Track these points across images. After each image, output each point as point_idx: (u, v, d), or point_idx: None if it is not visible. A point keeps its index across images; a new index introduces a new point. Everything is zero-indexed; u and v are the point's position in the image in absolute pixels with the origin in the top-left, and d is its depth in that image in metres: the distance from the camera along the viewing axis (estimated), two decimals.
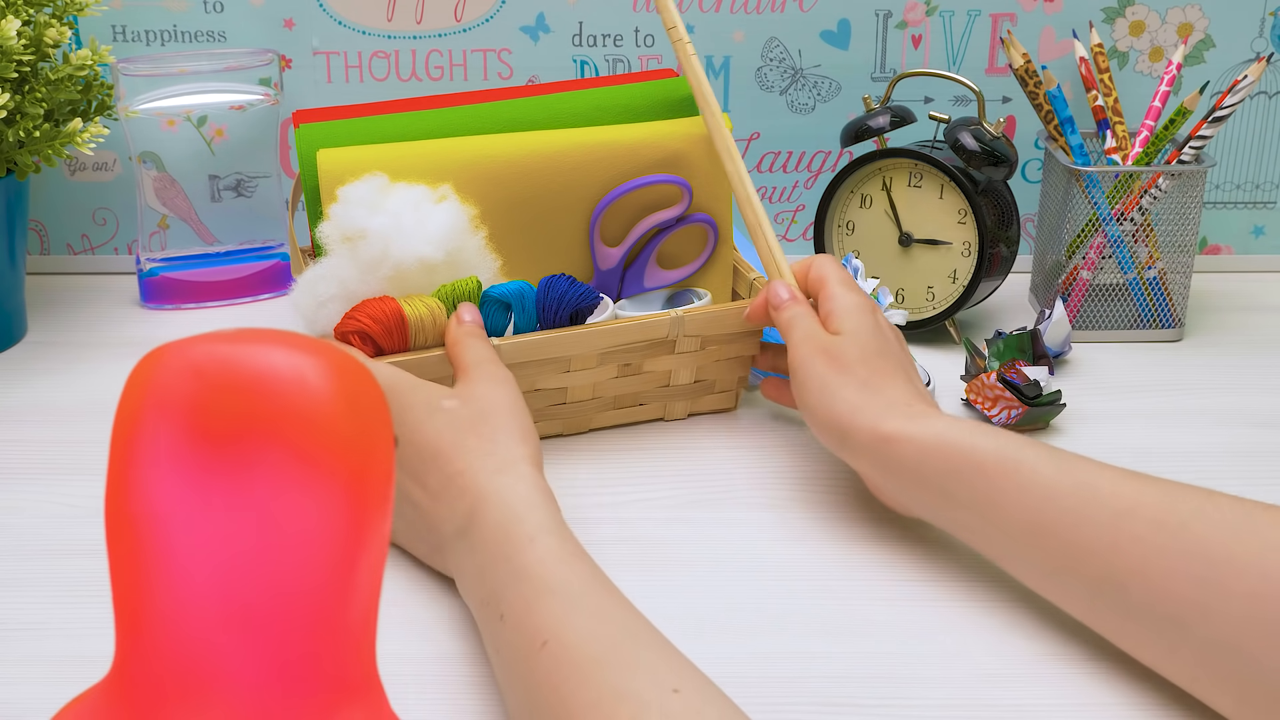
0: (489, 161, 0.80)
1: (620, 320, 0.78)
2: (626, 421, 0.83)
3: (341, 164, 0.78)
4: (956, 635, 0.64)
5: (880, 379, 0.70)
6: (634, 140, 0.83)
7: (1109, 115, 0.98)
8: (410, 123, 0.83)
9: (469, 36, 1.04)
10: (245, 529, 0.39)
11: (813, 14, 1.04)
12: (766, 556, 0.70)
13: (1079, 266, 0.96)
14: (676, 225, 0.84)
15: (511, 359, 0.75)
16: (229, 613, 0.39)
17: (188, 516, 0.39)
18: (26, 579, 0.68)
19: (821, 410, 0.70)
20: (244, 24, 1.03)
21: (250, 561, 0.39)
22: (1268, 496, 0.76)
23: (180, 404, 0.40)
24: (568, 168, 0.81)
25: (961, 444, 0.64)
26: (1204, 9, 1.03)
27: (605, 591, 0.55)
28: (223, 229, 1.03)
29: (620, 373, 0.80)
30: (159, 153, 1.00)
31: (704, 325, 0.80)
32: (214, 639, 0.40)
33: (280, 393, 0.39)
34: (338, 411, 0.40)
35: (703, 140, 0.83)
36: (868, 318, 0.73)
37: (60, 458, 0.80)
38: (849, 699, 0.59)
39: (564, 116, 0.84)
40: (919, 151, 0.94)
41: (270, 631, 0.40)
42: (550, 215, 0.82)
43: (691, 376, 0.82)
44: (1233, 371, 0.92)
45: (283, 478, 0.39)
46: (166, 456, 0.40)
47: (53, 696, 0.59)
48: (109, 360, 0.93)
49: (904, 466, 0.66)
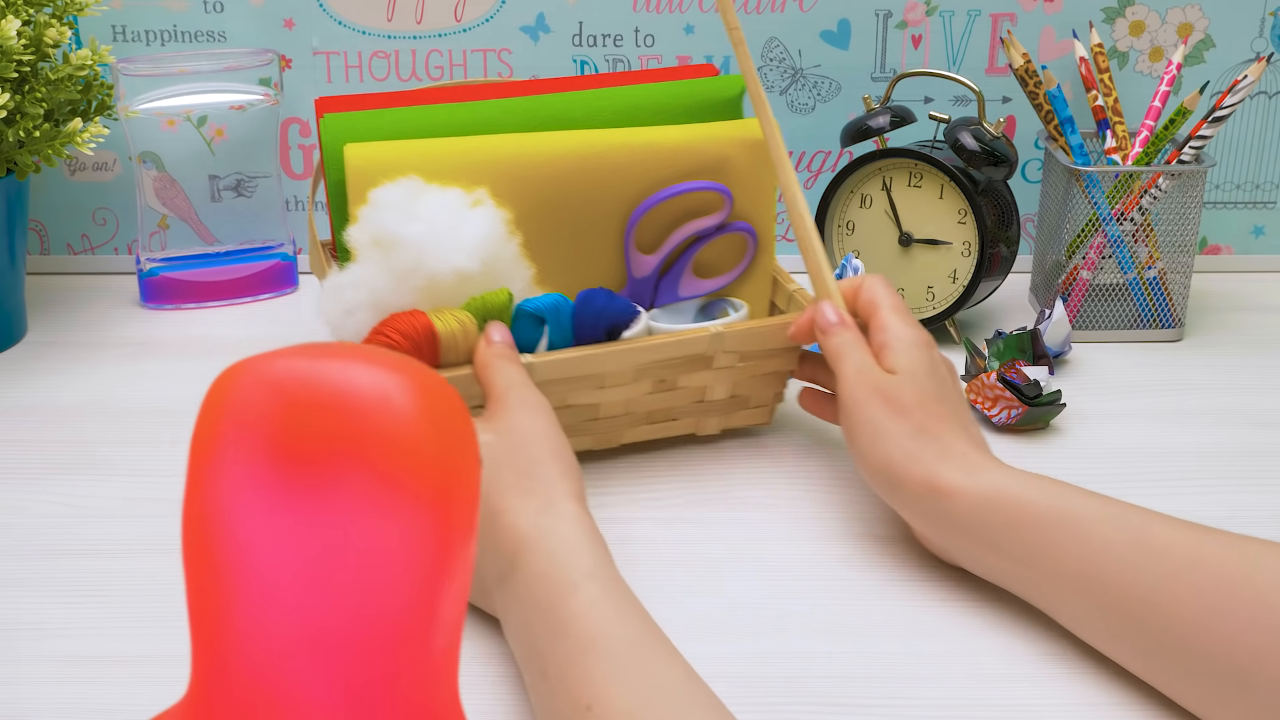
0: (523, 161, 0.77)
1: (658, 337, 0.74)
2: (658, 437, 0.79)
3: (370, 160, 0.74)
4: (956, 635, 0.64)
5: (936, 425, 0.67)
6: (675, 143, 0.79)
7: (1109, 115, 0.98)
8: (441, 116, 0.79)
9: (469, 36, 1.04)
10: (326, 550, 0.38)
11: (813, 14, 1.04)
12: (767, 556, 0.70)
13: (1079, 266, 0.96)
14: (716, 233, 0.80)
15: (544, 377, 0.71)
16: (309, 635, 0.38)
17: (268, 537, 0.38)
18: (26, 579, 0.68)
19: (874, 457, 0.67)
20: (244, 24, 1.03)
21: (331, 583, 0.38)
22: (1268, 496, 0.76)
23: (260, 422, 0.38)
24: (605, 170, 0.78)
25: (1016, 497, 0.63)
26: (1204, 9, 1.03)
27: (653, 648, 0.53)
28: (223, 229, 1.03)
29: (655, 388, 0.76)
30: (159, 153, 1.00)
31: (743, 341, 0.76)
32: (294, 661, 0.39)
33: (364, 412, 0.38)
34: (423, 432, 0.38)
35: (745, 145, 0.80)
36: (924, 354, 0.69)
37: (60, 458, 0.80)
38: (849, 699, 0.59)
39: (602, 115, 0.81)
40: (919, 151, 0.94)
41: (351, 655, 0.39)
42: (584, 219, 0.79)
43: (727, 392, 0.79)
44: (1233, 371, 0.92)
45: (365, 499, 0.38)
46: (246, 476, 0.39)
47: (53, 696, 0.59)
48: (109, 360, 0.93)
49: (956, 520, 0.64)
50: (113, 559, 0.70)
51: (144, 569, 0.69)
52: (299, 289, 1.06)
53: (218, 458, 0.39)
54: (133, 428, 0.84)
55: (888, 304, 0.72)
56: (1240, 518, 0.74)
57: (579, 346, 0.73)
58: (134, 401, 0.87)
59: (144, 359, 0.94)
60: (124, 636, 0.64)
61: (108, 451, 0.81)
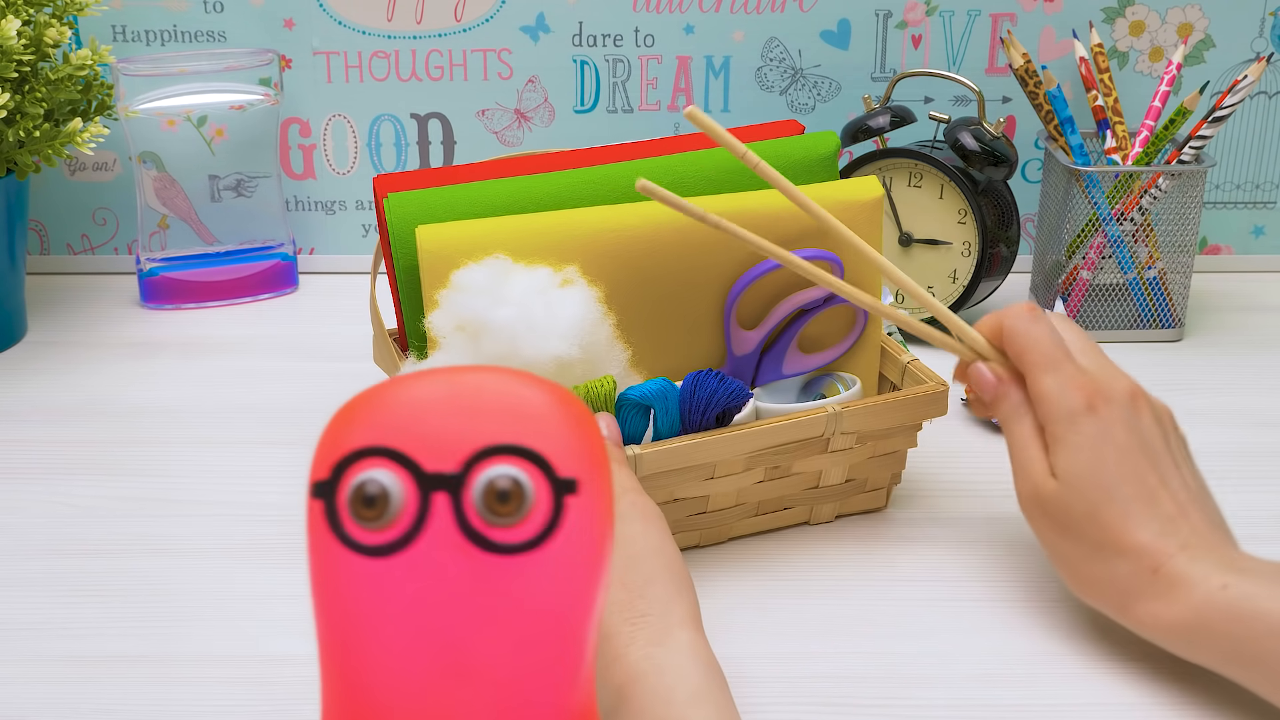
0: (612, 235, 0.70)
1: (772, 420, 0.68)
2: (769, 528, 0.73)
3: (446, 242, 0.68)
4: (956, 635, 0.64)
5: (1115, 534, 0.57)
6: (774, 208, 0.71)
7: (1109, 115, 0.98)
8: (516, 191, 0.73)
9: (469, 36, 1.04)
10: (465, 579, 0.38)
11: (813, 14, 1.04)
12: (767, 556, 0.70)
13: (1079, 266, 0.96)
14: (823, 305, 0.73)
15: (651, 469, 0.65)
16: (449, 664, 0.38)
17: (405, 566, 0.38)
18: (26, 579, 0.68)
19: (1068, 580, 0.61)
20: (244, 24, 1.03)
21: (472, 614, 0.38)
22: (1268, 496, 0.76)
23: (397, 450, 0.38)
24: (698, 241, 0.71)
25: (1240, 612, 0.54)
26: (1204, 9, 1.03)
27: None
28: (223, 229, 1.03)
29: (767, 476, 0.70)
30: (159, 153, 1.00)
31: (862, 420, 0.69)
32: (435, 689, 0.38)
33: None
34: (568, 428, 0.38)
35: (849, 208, 0.72)
36: (1093, 432, 0.59)
37: (60, 458, 0.80)
38: (849, 699, 0.59)
39: (689, 181, 0.74)
40: (919, 151, 0.94)
41: (495, 684, 0.38)
42: (679, 295, 0.72)
43: (843, 476, 0.72)
44: (1233, 371, 0.92)
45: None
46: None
47: (53, 696, 0.59)
48: (109, 360, 0.93)
49: (1176, 647, 0.57)
50: (113, 559, 0.70)
51: (144, 569, 0.69)
52: (299, 289, 1.06)
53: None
54: (132, 428, 0.84)
55: (1037, 358, 0.61)
56: (1240, 518, 0.74)
57: (687, 435, 0.67)
58: (134, 401, 0.87)
59: (144, 359, 0.94)
60: (124, 636, 0.64)
61: (108, 451, 0.81)
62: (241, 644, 0.63)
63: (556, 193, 0.73)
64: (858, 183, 0.74)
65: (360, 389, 0.40)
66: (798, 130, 0.79)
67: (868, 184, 0.74)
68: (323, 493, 0.38)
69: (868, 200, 0.73)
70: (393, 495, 0.37)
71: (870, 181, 0.74)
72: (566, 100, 1.06)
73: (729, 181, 0.74)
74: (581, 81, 1.05)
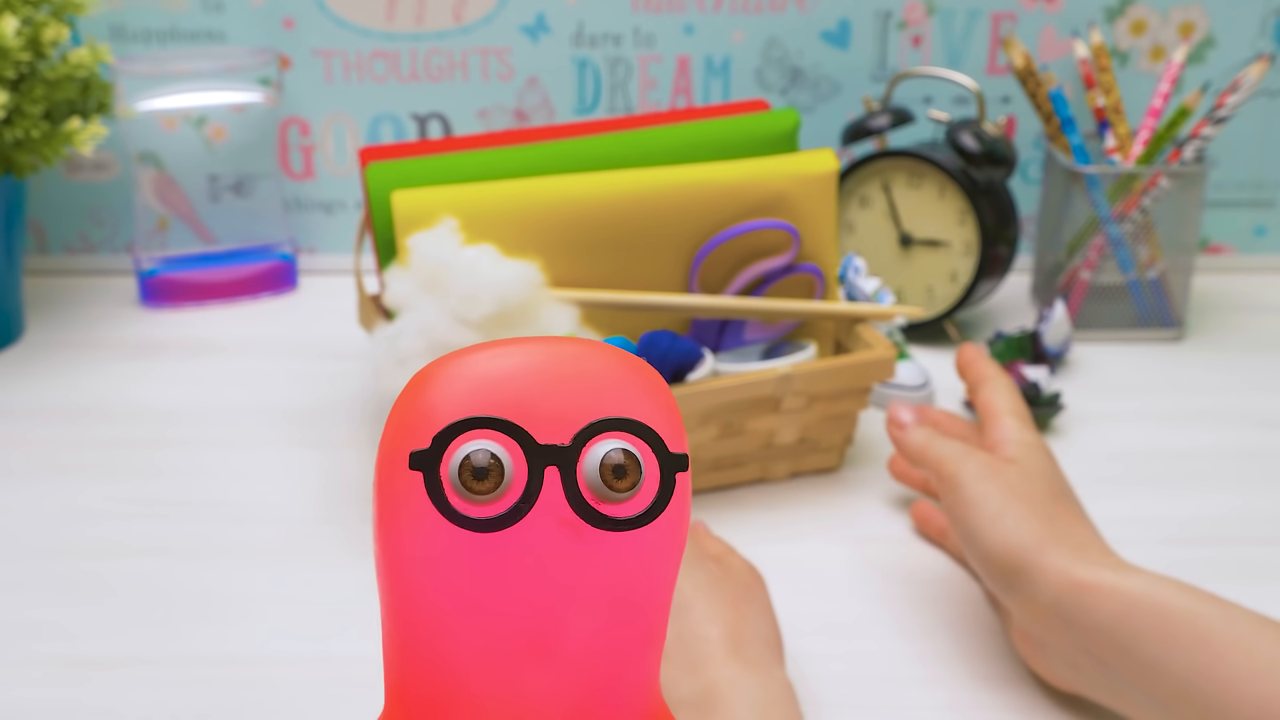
0: (580, 203, 0.73)
1: (724, 379, 0.72)
2: (727, 483, 0.76)
3: (420, 207, 0.71)
4: (956, 635, 0.64)
5: (1067, 518, 0.59)
6: (734, 180, 0.75)
7: (1109, 115, 0.98)
8: (490, 161, 0.76)
9: (469, 36, 1.04)
10: (567, 555, 0.37)
11: (813, 14, 1.04)
12: (767, 556, 0.70)
13: (1079, 266, 0.96)
14: (783, 274, 0.77)
15: None
16: (532, 644, 0.37)
17: (509, 541, 0.36)
18: (26, 579, 0.68)
19: (995, 540, 0.58)
20: (243, 24, 1.03)
21: (566, 591, 0.37)
22: (1268, 496, 0.76)
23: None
24: (663, 210, 0.74)
25: (1181, 608, 0.54)
26: (1205, 8, 1.03)
27: None
28: (222, 229, 1.03)
29: (721, 433, 0.74)
30: (158, 153, 1.00)
31: (812, 382, 0.73)
32: (516, 670, 0.37)
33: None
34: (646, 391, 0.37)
35: (806, 180, 0.76)
36: (1045, 456, 0.63)
37: (60, 458, 0.80)
38: (849, 699, 0.59)
39: (655, 154, 0.77)
40: (919, 152, 0.94)
41: (575, 664, 0.37)
42: (644, 261, 0.75)
43: (796, 435, 0.76)
44: (1233, 371, 0.92)
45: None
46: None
47: (53, 697, 0.59)
48: (108, 360, 0.93)
49: (1096, 623, 0.55)
50: (113, 559, 0.70)
51: (144, 569, 0.69)
52: (298, 289, 1.06)
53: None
54: (132, 428, 0.84)
55: (1007, 408, 0.65)
56: (1240, 518, 0.74)
57: None
58: (133, 401, 0.87)
59: (143, 359, 0.94)
60: (124, 636, 0.64)
61: (107, 451, 0.81)
62: (242, 644, 0.63)
63: (530, 163, 0.76)
64: (813, 155, 0.77)
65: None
66: (763, 108, 0.82)
67: (822, 157, 0.77)
68: (422, 463, 0.36)
69: (822, 174, 0.76)
70: (506, 467, 0.36)
71: (826, 154, 0.77)
72: (566, 100, 1.05)
73: (692, 156, 0.78)
74: (581, 82, 1.05)
